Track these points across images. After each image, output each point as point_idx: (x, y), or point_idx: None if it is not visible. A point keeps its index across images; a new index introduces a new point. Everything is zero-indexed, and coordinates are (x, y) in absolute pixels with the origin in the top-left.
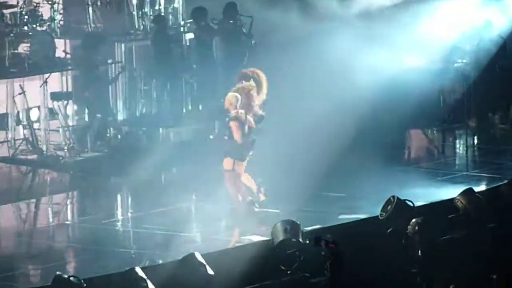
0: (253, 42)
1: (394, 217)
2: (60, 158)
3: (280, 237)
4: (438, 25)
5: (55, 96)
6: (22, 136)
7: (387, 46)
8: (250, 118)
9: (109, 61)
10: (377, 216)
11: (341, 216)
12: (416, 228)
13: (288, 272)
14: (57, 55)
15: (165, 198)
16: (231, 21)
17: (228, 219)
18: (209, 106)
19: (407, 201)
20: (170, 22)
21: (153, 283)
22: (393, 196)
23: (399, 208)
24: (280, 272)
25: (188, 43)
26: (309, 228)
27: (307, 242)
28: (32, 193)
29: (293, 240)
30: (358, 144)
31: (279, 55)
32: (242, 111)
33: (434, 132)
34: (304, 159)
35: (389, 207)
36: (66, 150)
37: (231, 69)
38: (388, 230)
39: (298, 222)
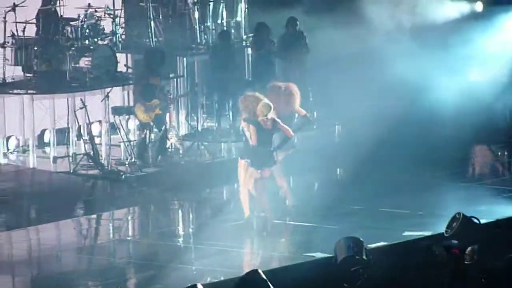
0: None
1: (460, 234)
2: (121, 173)
3: (344, 254)
4: (505, 39)
5: (117, 111)
6: (83, 151)
7: (453, 60)
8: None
9: (171, 75)
10: (443, 233)
11: (405, 233)
12: (475, 257)
13: None
14: (118, 69)
15: (226, 214)
16: (292, 36)
17: (290, 235)
18: None
19: (473, 218)
20: (233, 36)
21: None
22: (459, 213)
23: (464, 225)
24: None
25: (250, 58)
26: (372, 246)
27: (370, 258)
28: (92, 208)
29: (357, 257)
30: (422, 160)
31: (340, 71)
32: (269, 118)
33: (500, 148)
34: (367, 175)
35: (455, 224)
36: (127, 165)
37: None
38: (454, 247)
39: (361, 239)
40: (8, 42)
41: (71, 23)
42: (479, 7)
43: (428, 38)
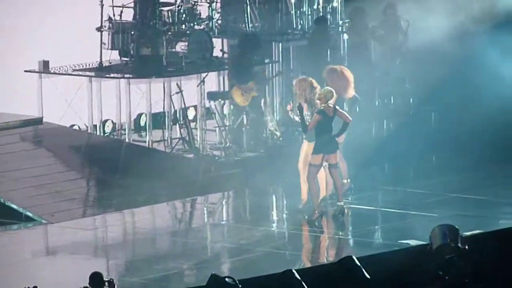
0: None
1: None
2: (216, 157)
3: (439, 241)
4: None
5: (212, 96)
6: (178, 135)
7: None
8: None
9: (266, 60)
10: None
11: (501, 221)
12: None
13: (446, 277)
14: (214, 54)
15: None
16: (389, 23)
17: (384, 221)
18: (367, 107)
19: None
20: (329, 22)
21: (308, 285)
22: None
23: None
24: (438, 277)
25: (346, 44)
26: (468, 233)
27: (466, 247)
28: (188, 192)
29: (452, 245)
30: None
31: (427, 61)
32: (331, 105)
33: None
34: (463, 164)
35: None
36: (222, 150)
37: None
38: None
39: (457, 227)
40: (105, 26)
41: (168, 7)
42: None
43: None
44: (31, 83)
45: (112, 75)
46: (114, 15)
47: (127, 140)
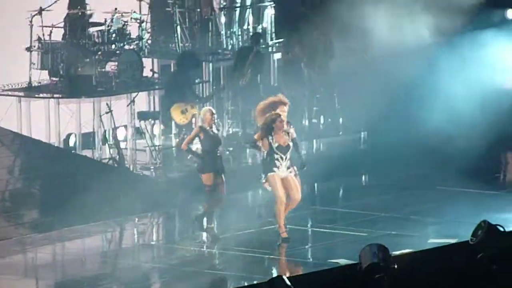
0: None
1: (485, 242)
2: (147, 177)
3: (368, 261)
4: None
5: (142, 116)
6: (108, 155)
7: (482, 68)
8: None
9: (197, 80)
10: (468, 241)
11: (430, 241)
12: None
13: None
14: (144, 74)
15: (251, 220)
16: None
17: (314, 241)
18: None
19: (498, 226)
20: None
21: None
22: (484, 221)
23: (490, 233)
24: None
25: (276, 63)
26: (397, 253)
27: (395, 266)
28: (116, 212)
29: (381, 264)
30: (449, 168)
31: (365, 76)
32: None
33: None
34: (393, 183)
35: (480, 232)
36: (152, 170)
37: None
38: (479, 256)
39: (386, 246)
40: (34, 46)
41: (98, 27)
42: (510, 14)
43: (455, 46)
44: None
45: (41, 95)
46: (43, 35)
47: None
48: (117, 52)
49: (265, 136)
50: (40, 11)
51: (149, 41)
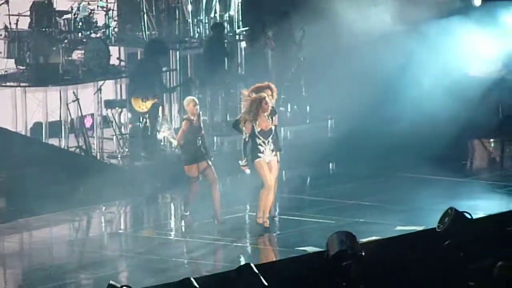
0: (302, 58)
1: (452, 229)
2: (114, 166)
3: (336, 248)
4: (502, 34)
5: (109, 104)
6: (75, 144)
7: (448, 55)
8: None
9: (164, 68)
10: (435, 228)
11: (398, 228)
12: None
13: (344, 284)
14: (111, 62)
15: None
16: (285, 33)
17: (282, 229)
18: None
19: (465, 213)
20: (226, 30)
21: None
22: (451, 208)
23: (457, 220)
24: (335, 284)
25: (243, 52)
26: (365, 240)
27: (363, 254)
28: (84, 201)
29: (349, 252)
30: (417, 156)
31: (332, 64)
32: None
33: (492, 143)
34: (361, 170)
35: (447, 219)
36: (119, 159)
37: (281, 79)
38: (446, 243)
39: (354, 234)
40: (1, 35)
41: (64, 16)
42: (477, 1)
43: (423, 33)
44: None
45: (8, 83)
46: (10, 23)
47: None
48: (84, 40)
49: (250, 119)
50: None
51: (116, 29)
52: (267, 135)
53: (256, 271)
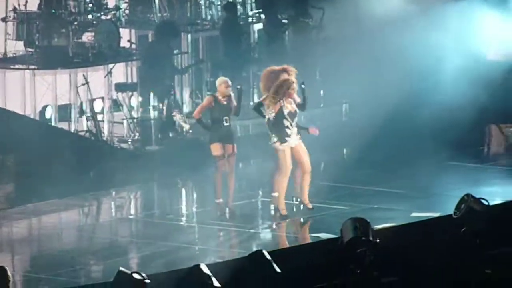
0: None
1: (468, 216)
2: (124, 150)
3: (350, 235)
4: None
5: (120, 87)
6: (85, 128)
7: (466, 39)
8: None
9: (175, 51)
10: (451, 214)
11: (413, 214)
12: None
13: (358, 271)
14: (121, 45)
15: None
16: (301, 16)
17: (295, 215)
18: None
19: (481, 200)
20: (239, 12)
21: (218, 280)
22: (467, 194)
23: (473, 207)
24: (349, 271)
25: (256, 34)
26: (379, 226)
27: (377, 240)
28: (94, 186)
29: (363, 238)
30: (433, 141)
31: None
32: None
33: (510, 129)
34: (376, 156)
35: (463, 205)
36: (130, 143)
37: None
38: (462, 229)
39: (368, 220)
40: (10, 17)
41: None
42: None
43: (438, 17)
44: None
45: (16, 66)
46: (19, 5)
47: None
48: (94, 22)
49: (279, 99)
50: None
51: (127, 11)
52: (293, 117)
53: (269, 257)
